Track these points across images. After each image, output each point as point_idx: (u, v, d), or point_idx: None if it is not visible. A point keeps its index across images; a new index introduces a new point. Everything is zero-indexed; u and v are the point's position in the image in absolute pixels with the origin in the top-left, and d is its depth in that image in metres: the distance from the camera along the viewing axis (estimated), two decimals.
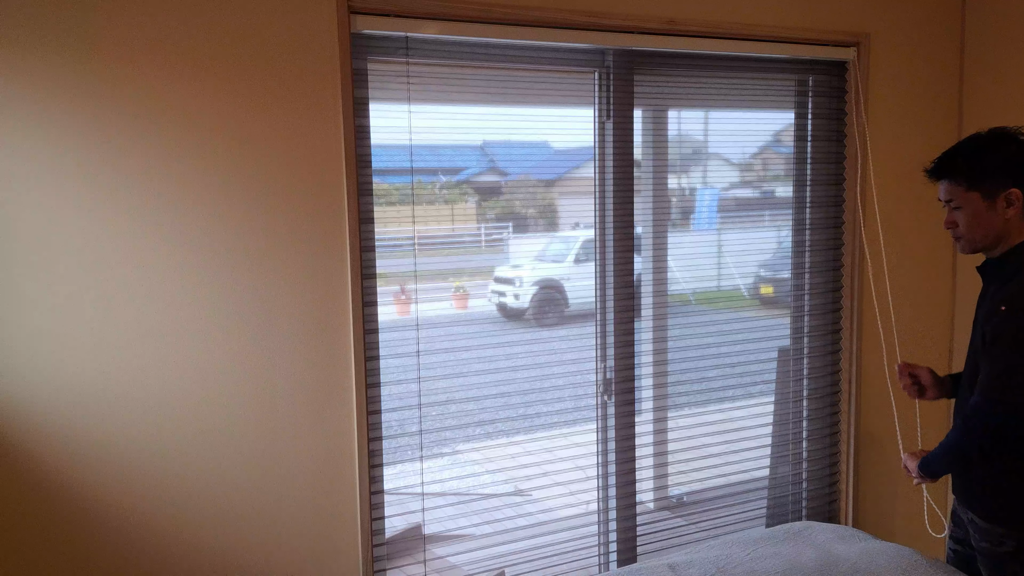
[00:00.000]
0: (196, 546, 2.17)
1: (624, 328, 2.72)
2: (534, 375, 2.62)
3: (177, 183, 2.07)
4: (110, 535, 2.09)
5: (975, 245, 1.99)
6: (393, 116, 2.33)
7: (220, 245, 2.12)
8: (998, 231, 1.94)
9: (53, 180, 1.96)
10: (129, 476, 2.09)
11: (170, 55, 2.03)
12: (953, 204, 1.97)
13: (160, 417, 2.10)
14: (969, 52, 3.08)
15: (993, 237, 1.95)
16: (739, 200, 2.97)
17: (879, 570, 1.93)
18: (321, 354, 2.25)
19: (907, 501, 3.19)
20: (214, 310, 2.13)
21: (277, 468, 2.24)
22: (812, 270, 3.03)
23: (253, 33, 2.11)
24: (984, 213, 1.93)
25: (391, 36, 2.30)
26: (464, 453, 2.60)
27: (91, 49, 1.96)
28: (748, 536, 2.21)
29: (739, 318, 2.96)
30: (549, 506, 2.68)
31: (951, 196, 1.97)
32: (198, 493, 2.16)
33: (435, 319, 2.47)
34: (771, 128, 2.99)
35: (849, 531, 2.20)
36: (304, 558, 2.29)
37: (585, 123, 2.63)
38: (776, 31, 2.75)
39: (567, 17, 2.44)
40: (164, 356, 2.09)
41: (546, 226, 2.69)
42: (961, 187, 1.94)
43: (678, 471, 2.86)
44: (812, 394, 3.08)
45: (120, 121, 2.00)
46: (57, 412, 2.01)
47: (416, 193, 2.41)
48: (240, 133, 2.12)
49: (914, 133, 3.07)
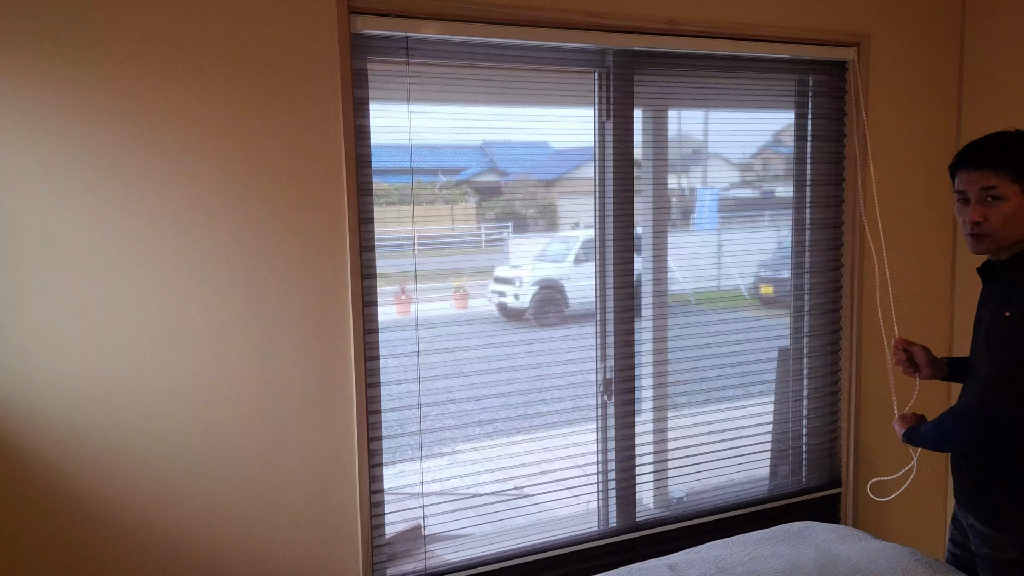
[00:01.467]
0: (196, 545, 2.17)
1: (624, 328, 2.72)
2: (534, 375, 2.62)
3: (177, 183, 2.07)
4: (110, 535, 2.09)
5: (1001, 243, 1.87)
6: (393, 116, 2.33)
7: (220, 244, 2.12)
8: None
9: (53, 180, 1.96)
10: (129, 476, 2.09)
11: (170, 55, 2.03)
12: (993, 194, 1.83)
13: (160, 417, 2.11)
14: (969, 52, 3.08)
15: (1019, 237, 1.85)
16: (739, 200, 2.97)
17: (879, 570, 1.93)
18: (321, 354, 2.25)
19: (907, 501, 3.19)
20: (214, 310, 2.13)
21: (277, 468, 2.24)
22: (812, 270, 3.03)
23: (253, 33, 2.11)
24: (1022, 210, 1.83)
25: (391, 36, 2.30)
26: (464, 453, 2.60)
27: (91, 49, 1.96)
28: (748, 536, 2.21)
29: (739, 318, 2.96)
30: (549, 506, 2.68)
31: (993, 184, 1.82)
32: (198, 493, 2.16)
33: (435, 319, 2.47)
34: (771, 128, 2.99)
35: (849, 531, 2.20)
36: (304, 558, 2.29)
37: (585, 123, 2.63)
38: (776, 31, 2.75)
39: (567, 17, 2.44)
40: (164, 356, 2.09)
41: (546, 226, 2.69)
42: (1007, 177, 1.82)
43: (678, 471, 2.86)
44: (812, 394, 3.08)
45: (120, 121, 2.00)
46: (57, 412, 2.01)
47: (416, 193, 2.41)
48: (240, 133, 2.12)
49: (914, 133, 3.07)
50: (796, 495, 3.05)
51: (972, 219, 1.87)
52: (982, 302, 2.00)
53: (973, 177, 1.86)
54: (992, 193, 1.83)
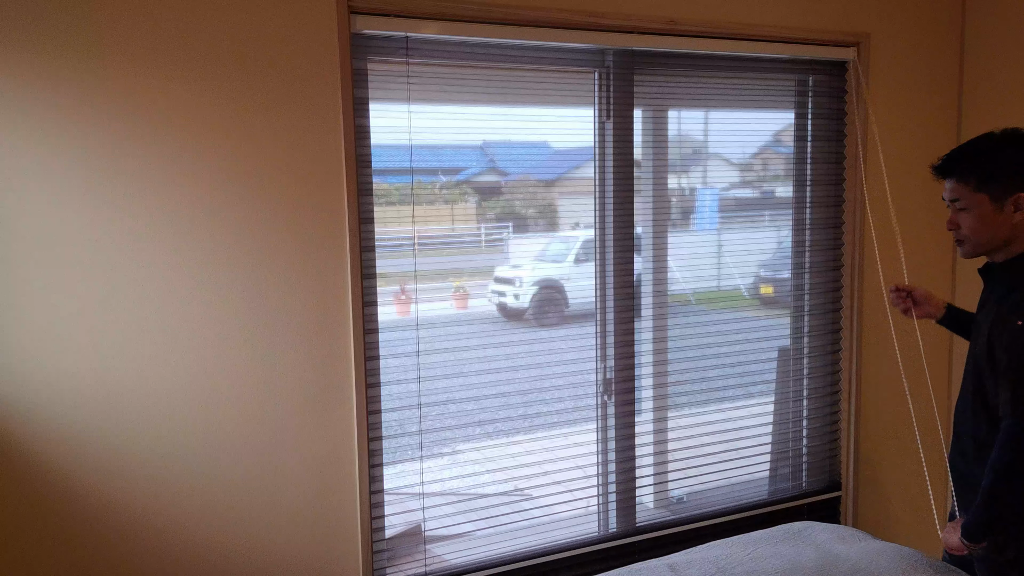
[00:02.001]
0: (196, 545, 2.17)
1: (624, 328, 2.72)
2: (534, 375, 2.62)
3: (177, 182, 2.07)
4: (110, 535, 2.09)
5: (979, 249, 1.92)
6: (393, 116, 2.33)
7: (220, 244, 2.12)
8: (1004, 236, 1.87)
9: (53, 180, 1.96)
10: (129, 476, 2.09)
11: (170, 54, 2.03)
12: (959, 205, 1.89)
13: (160, 417, 2.10)
14: (969, 52, 3.08)
15: (999, 241, 1.88)
16: (739, 200, 2.97)
17: (879, 570, 1.93)
18: (321, 354, 2.25)
19: (907, 501, 3.19)
20: (214, 309, 2.13)
21: (277, 467, 2.24)
22: (812, 270, 3.03)
23: (253, 33, 2.11)
24: (991, 216, 1.85)
25: (391, 36, 2.29)
26: (464, 453, 2.60)
27: (91, 49, 1.96)
28: (748, 536, 2.21)
29: (739, 318, 2.96)
30: (549, 506, 2.68)
31: (957, 196, 1.89)
32: (198, 492, 2.16)
33: (435, 319, 2.47)
34: (771, 128, 2.99)
35: (849, 531, 2.20)
36: (304, 557, 2.29)
37: (585, 123, 2.63)
38: (776, 31, 2.75)
39: (567, 17, 2.44)
40: (164, 356, 2.09)
41: (546, 226, 2.69)
42: (969, 187, 1.87)
43: (678, 472, 2.86)
44: (812, 394, 3.08)
45: (120, 121, 2.00)
46: (57, 412, 2.01)
47: (416, 193, 2.41)
48: (240, 133, 2.12)
49: (914, 133, 3.07)
50: (796, 499, 3.05)
51: (948, 226, 1.94)
52: (982, 303, 2.02)
53: (946, 185, 1.94)
54: (958, 204, 1.89)
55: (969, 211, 1.88)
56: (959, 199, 1.89)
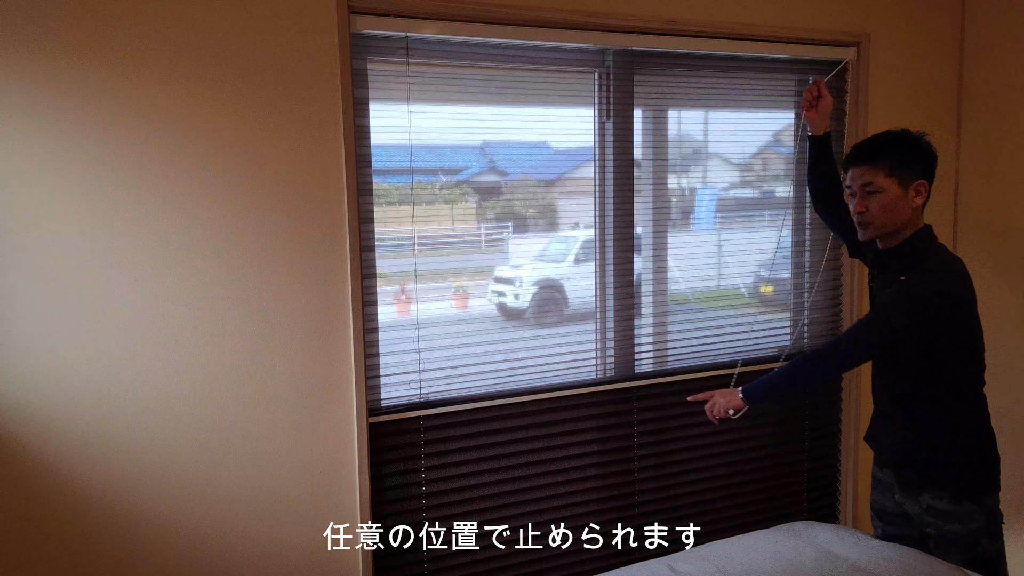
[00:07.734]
0: (195, 545, 2.17)
1: (624, 328, 2.72)
2: (534, 375, 2.62)
3: (177, 183, 2.07)
4: (110, 534, 2.09)
5: (880, 231, 2.07)
6: (393, 116, 2.33)
7: (220, 244, 2.12)
8: (905, 219, 2.04)
9: (54, 182, 1.96)
10: (129, 475, 2.09)
11: (170, 55, 2.03)
12: (870, 188, 2.04)
13: (160, 417, 2.11)
14: (969, 52, 3.08)
15: (900, 224, 2.05)
16: (739, 200, 2.97)
17: (879, 570, 1.93)
18: (321, 353, 2.25)
19: None
20: (214, 310, 2.13)
21: (277, 467, 2.24)
22: (812, 270, 3.03)
23: (253, 33, 2.11)
24: (898, 200, 2.03)
25: (391, 36, 2.30)
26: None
27: (91, 49, 1.96)
28: (748, 536, 2.20)
29: (739, 318, 2.96)
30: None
31: (870, 180, 2.04)
32: (198, 492, 2.16)
33: (435, 319, 2.47)
34: (771, 128, 2.99)
35: (849, 531, 2.20)
36: (304, 558, 2.29)
37: (585, 123, 2.63)
38: (776, 31, 2.75)
39: (567, 17, 2.44)
40: (164, 356, 2.10)
41: (546, 226, 2.69)
42: (882, 172, 2.03)
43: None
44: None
45: (120, 122, 2.00)
46: (57, 412, 2.01)
47: (416, 193, 2.41)
48: (239, 133, 2.12)
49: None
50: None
51: (856, 210, 2.09)
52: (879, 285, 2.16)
53: (856, 173, 2.08)
54: (870, 188, 2.05)
55: (878, 195, 2.04)
56: (870, 183, 2.04)
